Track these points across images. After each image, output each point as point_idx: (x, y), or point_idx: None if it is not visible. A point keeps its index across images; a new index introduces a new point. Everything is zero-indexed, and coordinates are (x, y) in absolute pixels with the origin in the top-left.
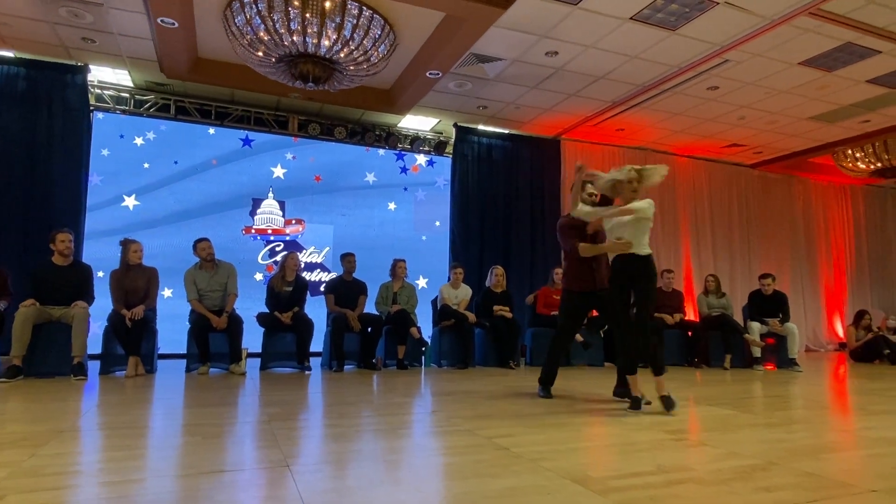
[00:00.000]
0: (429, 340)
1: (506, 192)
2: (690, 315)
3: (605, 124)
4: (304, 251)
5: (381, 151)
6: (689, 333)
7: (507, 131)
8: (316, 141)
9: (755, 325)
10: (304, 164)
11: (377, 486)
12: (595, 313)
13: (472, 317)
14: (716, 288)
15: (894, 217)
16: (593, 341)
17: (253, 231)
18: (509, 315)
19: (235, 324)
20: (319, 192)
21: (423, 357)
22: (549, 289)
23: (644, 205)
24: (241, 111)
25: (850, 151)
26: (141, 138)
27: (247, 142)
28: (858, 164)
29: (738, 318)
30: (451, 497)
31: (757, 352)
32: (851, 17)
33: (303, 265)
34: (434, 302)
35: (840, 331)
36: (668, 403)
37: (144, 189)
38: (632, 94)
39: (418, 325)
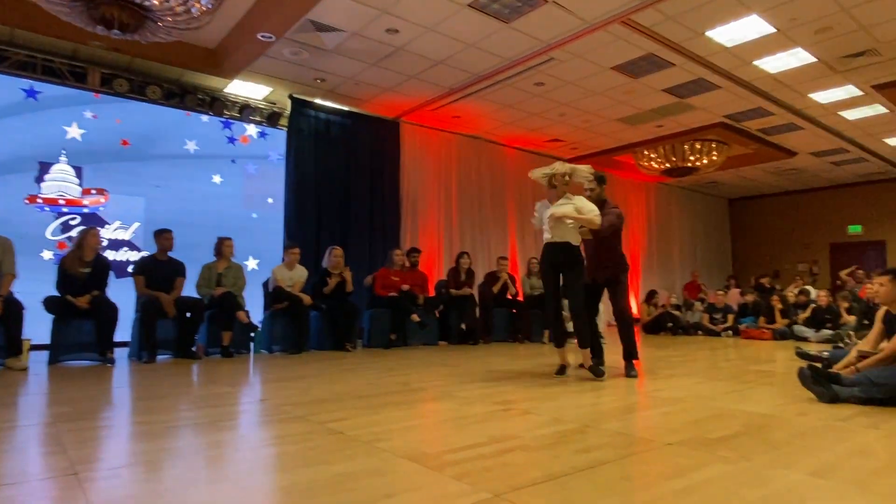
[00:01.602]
0: (259, 325)
1: (344, 170)
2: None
3: (443, 110)
4: (108, 226)
5: (205, 118)
6: (514, 311)
7: (346, 108)
8: (123, 99)
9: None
10: (107, 124)
11: (193, 487)
12: None
13: (307, 299)
14: (538, 270)
15: (677, 213)
16: (429, 321)
17: (40, 201)
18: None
19: (12, 310)
20: (127, 159)
21: (251, 343)
22: (388, 270)
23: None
24: (25, 56)
25: (646, 152)
26: None
27: (31, 93)
28: (653, 163)
29: None
30: (277, 490)
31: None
32: (654, 30)
33: (105, 243)
34: (265, 284)
35: (635, 308)
36: (596, 372)
37: None
38: (468, 82)
39: (247, 308)
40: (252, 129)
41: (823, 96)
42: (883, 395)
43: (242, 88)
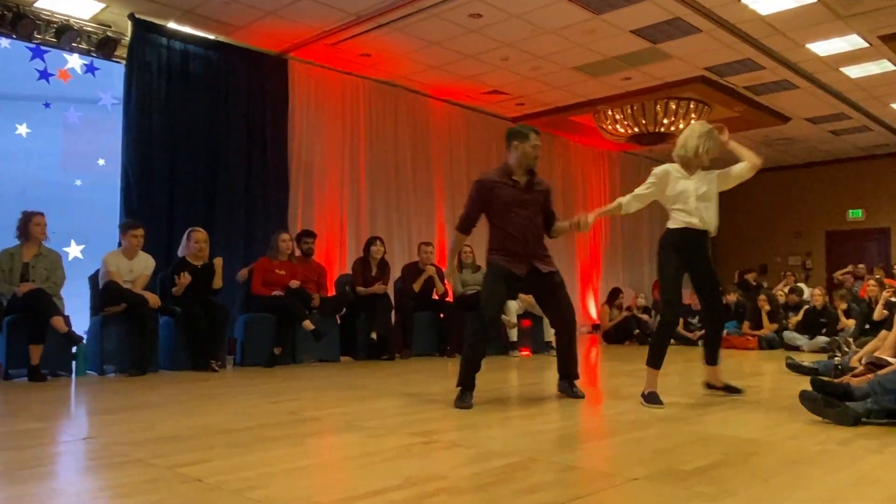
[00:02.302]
0: (84, 336)
1: (210, 124)
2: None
3: (348, 46)
4: None
5: (5, 43)
6: (442, 316)
7: (213, 37)
8: None
9: (512, 305)
10: None
11: None
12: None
13: (154, 299)
14: (472, 261)
15: None
16: (327, 330)
17: None
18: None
19: None
20: None
21: (73, 362)
22: (271, 260)
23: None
24: None
25: (610, 112)
26: None
27: None
28: (618, 126)
29: None
30: None
31: (513, 335)
32: None
33: None
34: (94, 278)
35: (594, 311)
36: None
37: None
38: (381, 8)
39: (66, 313)
40: (76, 61)
41: (823, 47)
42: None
43: (61, 2)
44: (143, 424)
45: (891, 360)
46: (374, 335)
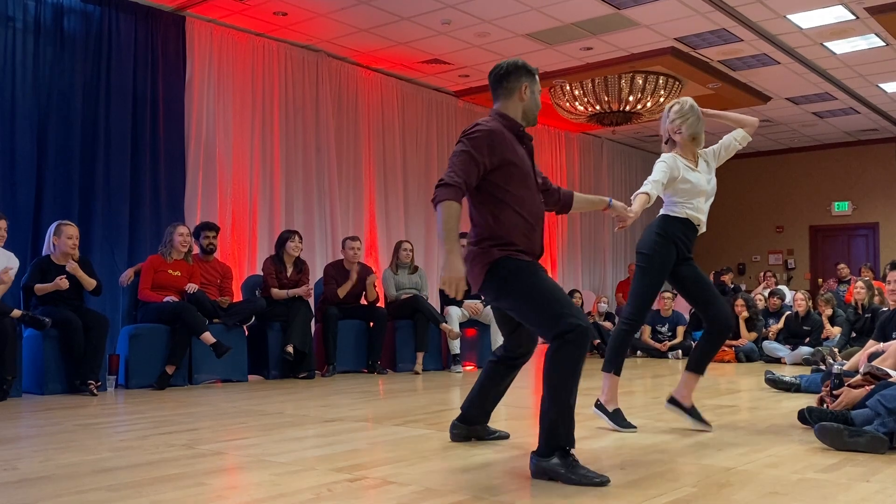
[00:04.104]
0: None
1: (88, 93)
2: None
3: (259, 1)
4: None
5: None
6: (371, 325)
7: None
8: None
9: (455, 312)
10: None
11: None
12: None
13: (15, 311)
14: (411, 261)
15: (610, 178)
16: (232, 343)
17: None
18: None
19: None
20: None
21: None
22: (162, 259)
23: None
24: None
25: (568, 87)
26: None
27: None
28: (577, 104)
29: (434, 301)
30: None
31: (455, 347)
32: None
33: None
34: None
35: None
36: None
37: None
38: None
39: None
40: None
41: (806, 18)
42: None
43: None
44: (1, 464)
45: (891, 371)
46: (289, 349)
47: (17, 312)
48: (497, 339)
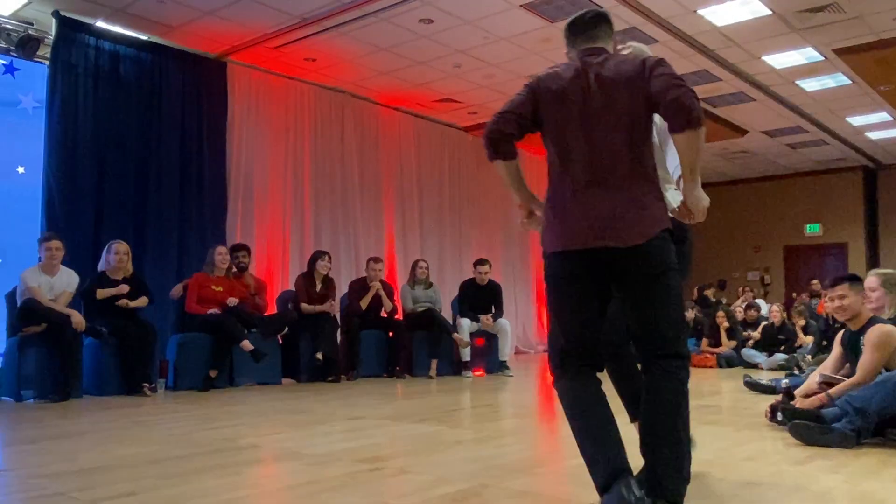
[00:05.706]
0: (0, 359)
1: (141, 129)
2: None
3: (292, 49)
4: None
5: None
6: (391, 335)
7: (145, 37)
8: None
9: (466, 323)
10: None
11: None
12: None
13: (77, 317)
14: (426, 277)
15: None
16: (268, 350)
17: None
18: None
19: None
20: None
21: None
22: (206, 276)
23: None
24: None
25: None
26: None
27: None
28: None
29: (447, 313)
30: None
31: (466, 354)
32: None
33: None
34: (12, 296)
35: (534, 327)
36: None
37: None
38: (328, 11)
39: None
40: None
41: (779, 59)
42: (873, 422)
43: None
44: (65, 455)
45: (838, 377)
46: (318, 356)
47: (80, 322)
48: (505, 348)
